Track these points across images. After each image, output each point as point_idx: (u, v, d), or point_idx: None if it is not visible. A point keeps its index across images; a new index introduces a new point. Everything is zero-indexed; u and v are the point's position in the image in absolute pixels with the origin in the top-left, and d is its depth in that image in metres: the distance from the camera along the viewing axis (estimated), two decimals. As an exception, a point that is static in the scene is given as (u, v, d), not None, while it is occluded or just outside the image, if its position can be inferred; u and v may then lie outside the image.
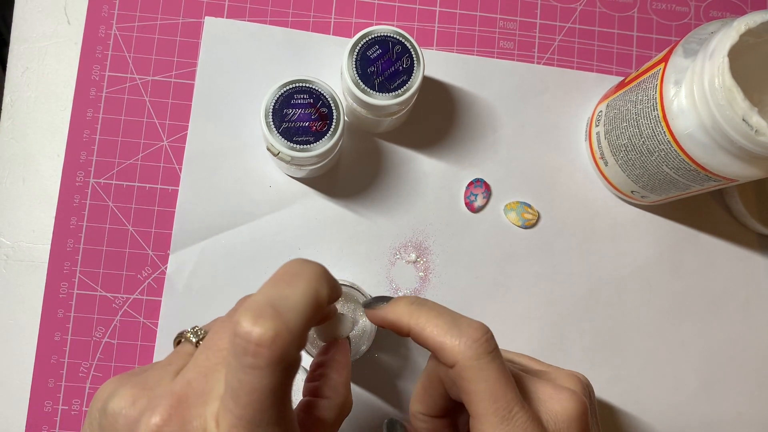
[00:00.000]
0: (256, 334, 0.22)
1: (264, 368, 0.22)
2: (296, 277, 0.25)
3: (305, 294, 0.24)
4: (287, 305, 0.23)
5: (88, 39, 0.47)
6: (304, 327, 0.23)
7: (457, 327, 0.27)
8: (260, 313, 0.22)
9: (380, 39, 0.41)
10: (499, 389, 0.26)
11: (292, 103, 0.39)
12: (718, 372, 0.48)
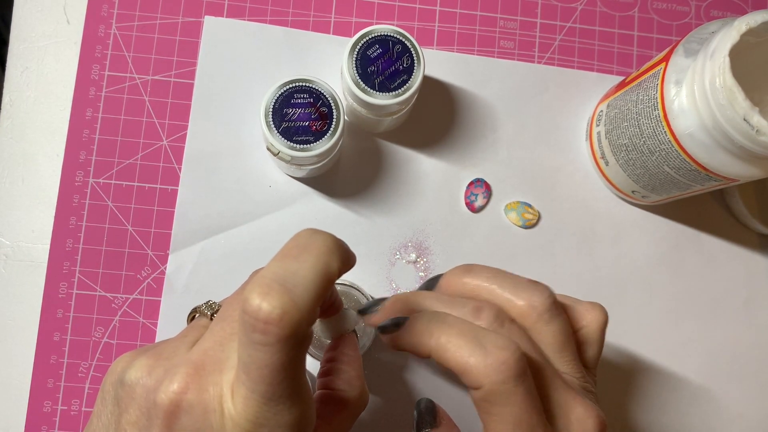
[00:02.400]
0: (264, 312, 0.21)
1: (273, 345, 0.22)
2: (305, 250, 0.23)
3: (314, 269, 0.23)
4: (295, 281, 0.22)
5: (88, 38, 0.47)
6: (313, 303, 0.22)
7: (481, 347, 0.25)
8: (268, 290, 0.21)
9: (380, 38, 0.41)
10: (524, 415, 0.25)
11: (292, 102, 0.39)
12: (719, 372, 0.48)
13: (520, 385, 0.25)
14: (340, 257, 0.24)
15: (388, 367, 0.46)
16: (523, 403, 0.25)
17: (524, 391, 0.25)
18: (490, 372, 0.25)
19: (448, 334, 0.26)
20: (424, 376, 0.46)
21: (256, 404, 0.22)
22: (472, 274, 0.29)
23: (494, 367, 0.25)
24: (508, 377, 0.25)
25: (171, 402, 0.23)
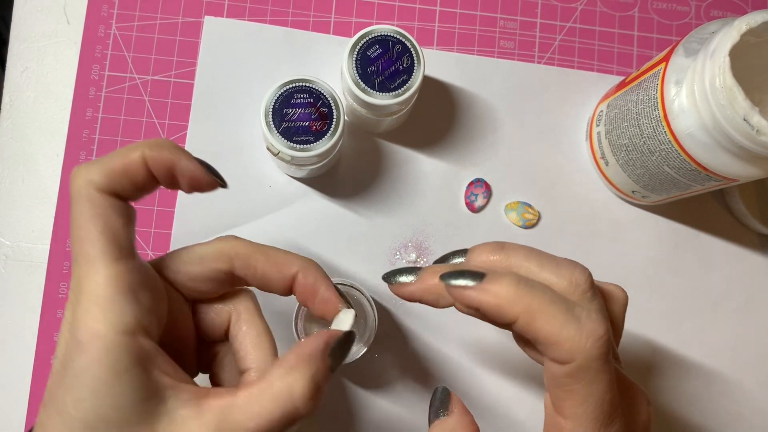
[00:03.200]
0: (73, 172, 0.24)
1: (75, 199, 0.24)
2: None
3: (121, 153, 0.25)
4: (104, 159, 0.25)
5: (88, 38, 0.47)
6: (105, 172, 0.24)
7: (576, 319, 0.24)
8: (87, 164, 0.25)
9: (380, 38, 0.41)
10: (608, 395, 0.24)
11: (292, 102, 0.39)
12: (719, 372, 0.48)
13: (610, 362, 0.24)
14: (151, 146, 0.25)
15: (388, 368, 0.46)
16: (610, 383, 0.24)
17: (612, 371, 0.24)
18: (586, 346, 0.23)
19: (540, 301, 0.24)
20: (423, 375, 0.46)
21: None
22: (505, 252, 0.27)
23: (591, 342, 0.24)
24: (602, 353, 0.24)
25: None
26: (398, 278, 0.28)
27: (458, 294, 0.26)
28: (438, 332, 0.46)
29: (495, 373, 0.46)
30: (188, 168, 0.26)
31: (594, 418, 0.24)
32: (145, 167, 0.25)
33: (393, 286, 0.28)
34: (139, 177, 0.25)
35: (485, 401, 0.46)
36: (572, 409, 0.24)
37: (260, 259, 0.28)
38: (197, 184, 0.26)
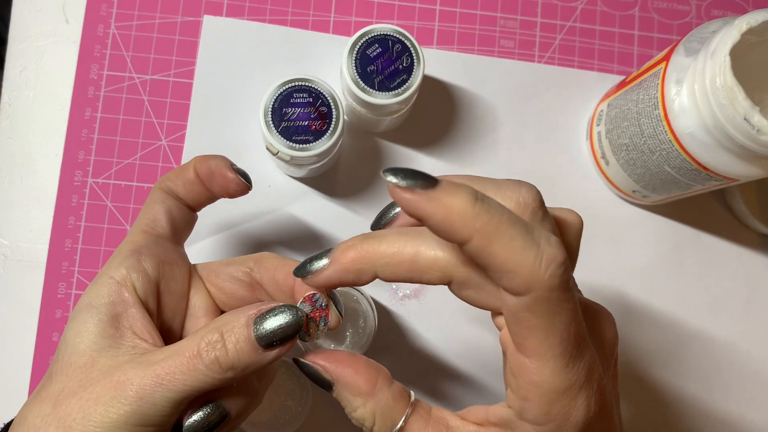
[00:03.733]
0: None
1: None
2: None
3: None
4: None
5: (87, 38, 0.47)
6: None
7: (535, 243, 0.20)
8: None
9: (380, 38, 0.40)
10: (573, 326, 0.22)
11: (292, 102, 0.39)
12: (720, 372, 0.48)
13: (571, 290, 0.21)
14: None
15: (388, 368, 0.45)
16: (574, 312, 0.22)
17: (574, 299, 0.22)
18: (545, 276, 0.20)
19: (499, 221, 0.20)
20: (423, 376, 0.46)
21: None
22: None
23: (552, 269, 0.21)
24: (563, 282, 0.21)
25: None
26: (311, 267, 0.25)
27: (403, 200, 0.21)
28: (438, 333, 0.46)
29: (496, 374, 0.46)
30: (216, 164, 0.32)
31: (560, 354, 0.22)
32: (194, 170, 0.32)
33: (307, 279, 0.25)
34: (189, 176, 0.32)
35: (487, 403, 0.46)
36: (535, 346, 0.22)
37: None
38: (223, 181, 0.32)
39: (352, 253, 0.24)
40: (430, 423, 0.25)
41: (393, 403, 0.25)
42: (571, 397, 0.22)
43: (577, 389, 0.22)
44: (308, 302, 0.26)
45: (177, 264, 0.31)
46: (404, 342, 0.46)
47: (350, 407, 0.25)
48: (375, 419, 0.25)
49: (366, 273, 0.24)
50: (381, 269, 0.24)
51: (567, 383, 0.22)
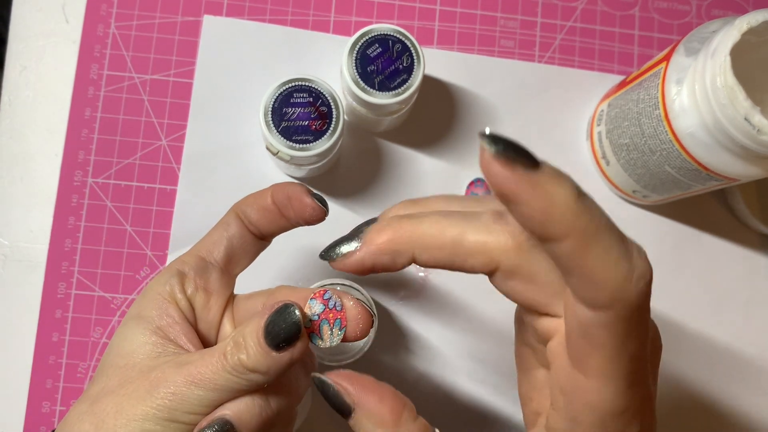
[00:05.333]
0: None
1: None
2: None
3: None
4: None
5: (87, 38, 0.47)
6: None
7: (629, 255, 0.18)
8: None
9: (380, 37, 0.40)
10: (642, 352, 0.20)
11: (292, 102, 0.39)
12: (720, 372, 0.48)
13: (649, 311, 0.19)
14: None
15: (388, 368, 0.45)
16: (647, 334, 0.20)
17: (650, 320, 0.20)
18: (632, 293, 0.18)
19: (599, 223, 0.18)
20: (424, 377, 0.46)
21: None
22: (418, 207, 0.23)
23: (641, 286, 0.18)
24: (646, 303, 0.19)
25: None
26: (339, 250, 0.22)
27: (498, 176, 0.18)
28: (439, 333, 0.46)
29: (498, 376, 0.46)
30: (293, 191, 0.30)
31: (624, 377, 0.19)
32: (270, 197, 0.31)
33: (335, 263, 0.23)
34: (266, 203, 0.31)
35: (487, 406, 0.46)
36: (600, 366, 0.19)
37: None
38: (300, 206, 0.30)
39: (388, 233, 0.22)
40: None
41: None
42: (626, 422, 0.20)
43: (632, 413, 0.20)
44: (319, 299, 0.24)
45: (216, 294, 0.31)
46: (404, 342, 0.46)
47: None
48: None
49: (403, 256, 0.21)
50: (420, 252, 0.21)
51: (625, 406, 0.20)
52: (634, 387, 0.20)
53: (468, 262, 0.21)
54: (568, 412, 0.21)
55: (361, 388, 0.23)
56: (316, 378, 0.24)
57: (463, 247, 0.21)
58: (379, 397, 0.23)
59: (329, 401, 0.23)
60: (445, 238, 0.21)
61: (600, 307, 0.18)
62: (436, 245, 0.21)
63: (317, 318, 0.24)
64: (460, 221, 0.21)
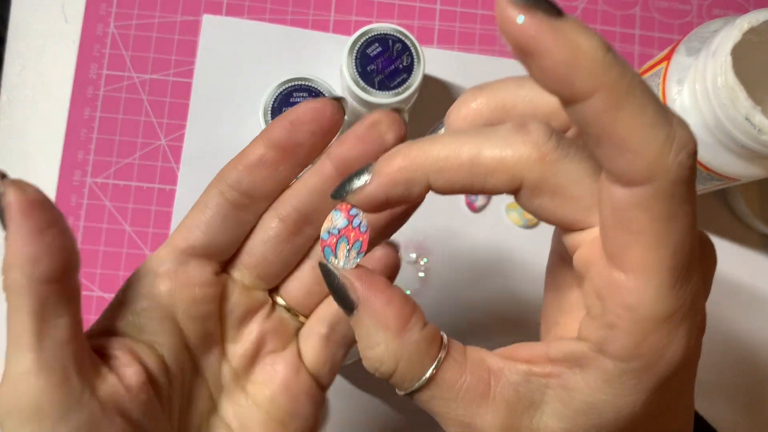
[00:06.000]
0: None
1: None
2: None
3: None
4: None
5: (86, 37, 0.46)
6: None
7: (668, 120, 0.16)
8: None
9: (380, 37, 0.40)
10: (689, 237, 0.17)
11: (291, 101, 0.39)
12: (721, 372, 0.48)
13: (695, 191, 0.17)
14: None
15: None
16: (693, 218, 0.17)
17: (696, 201, 0.17)
18: (673, 162, 0.16)
19: (631, 81, 0.16)
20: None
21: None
22: (484, 93, 0.21)
23: (683, 156, 0.16)
24: (691, 176, 0.16)
25: None
26: (350, 186, 0.20)
27: (516, 26, 0.16)
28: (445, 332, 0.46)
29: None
30: (291, 114, 0.24)
31: (669, 270, 0.17)
32: (261, 143, 0.24)
33: (347, 200, 0.21)
34: (254, 157, 0.24)
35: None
36: (640, 257, 0.17)
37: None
38: (314, 114, 0.24)
39: (398, 160, 0.20)
40: (467, 368, 0.20)
41: (424, 348, 0.20)
42: (671, 329, 0.18)
43: (678, 319, 0.18)
44: (344, 213, 0.22)
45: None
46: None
47: (368, 342, 0.20)
48: (397, 365, 0.20)
49: (417, 183, 0.20)
50: (435, 176, 0.19)
51: (669, 310, 0.17)
52: (679, 286, 0.17)
53: (489, 182, 0.19)
54: (603, 319, 0.18)
55: (369, 285, 0.21)
56: (322, 265, 0.21)
57: (481, 166, 0.19)
58: (387, 299, 0.20)
59: (333, 293, 0.21)
60: (461, 158, 0.19)
61: (636, 182, 0.16)
62: (451, 167, 0.19)
63: (337, 233, 0.22)
64: (476, 137, 0.19)
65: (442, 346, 0.21)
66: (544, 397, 0.19)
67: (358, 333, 0.20)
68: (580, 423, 0.19)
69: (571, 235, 0.20)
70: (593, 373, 0.18)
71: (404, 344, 0.20)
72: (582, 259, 0.19)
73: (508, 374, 0.20)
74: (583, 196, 0.18)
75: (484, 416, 0.19)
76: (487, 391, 0.20)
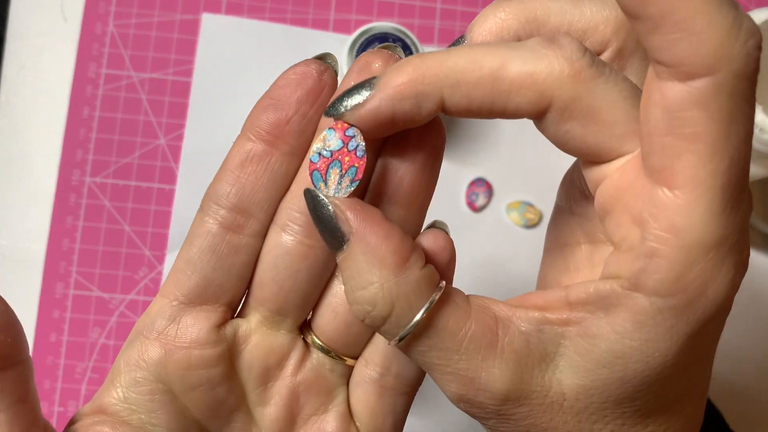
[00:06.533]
0: None
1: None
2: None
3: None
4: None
5: (85, 36, 0.46)
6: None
7: (734, 6, 0.14)
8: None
9: (380, 36, 0.40)
10: (745, 152, 0.15)
11: (291, 101, 0.39)
12: (722, 372, 0.48)
13: (755, 90, 0.15)
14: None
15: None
16: (751, 127, 0.15)
17: (752, 105, 0.15)
18: (740, 51, 0.14)
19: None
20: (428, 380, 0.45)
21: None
22: (513, 3, 0.19)
23: (749, 46, 0.14)
24: (755, 71, 0.14)
25: None
26: (349, 100, 0.17)
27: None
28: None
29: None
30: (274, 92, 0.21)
31: (723, 187, 0.15)
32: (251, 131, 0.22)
33: (344, 117, 0.18)
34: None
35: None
36: (692, 168, 0.14)
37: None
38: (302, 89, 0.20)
39: (408, 70, 0.17)
40: (472, 314, 0.17)
41: (424, 289, 0.17)
42: (717, 260, 0.15)
43: (726, 250, 0.15)
44: (339, 133, 0.18)
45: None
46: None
47: (359, 282, 0.17)
48: (393, 307, 0.17)
49: (429, 98, 0.17)
50: (451, 91, 0.16)
51: (719, 237, 0.15)
52: (730, 209, 0.15)
53: (512, 101, 0.17)
54: (642, 248, 0.15)
55: (364, 217, 0.17)
56: (308, 191, 0.18)
57: (505, 80, 0.16)
58: (385, 233, 0.17)
59: (319, 225, 0.18)
60: (482, 71, 0.16)
61: (696, 74, 0.14)
62: (470, 80, 0.16)
63: (329, 155, 0.18)
64: (500, 49, 0.16)
65: (440, 288, 0.18)
66: (558, 349, 0.17)
67: (348, 272, 0.17)
68: (601, 377, 0.16)
69: (596, 168, 0.18)
70: (622, 315, 0.16)
71: (402, 283, 0.17)
72: (610, 189, 0.17)
73: (518, 323, 0.17)
74: (617, 121, 0.16)
75: (490, 370, 0.17)
76: (495, 342, 0.17)
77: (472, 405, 0.17)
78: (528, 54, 0.16)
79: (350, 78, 0.18)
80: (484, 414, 0.17)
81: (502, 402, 0.17)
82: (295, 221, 0.19)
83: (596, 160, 0.17)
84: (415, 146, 0.19)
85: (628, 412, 0.17)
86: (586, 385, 0.17)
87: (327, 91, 0.19)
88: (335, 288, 0.20)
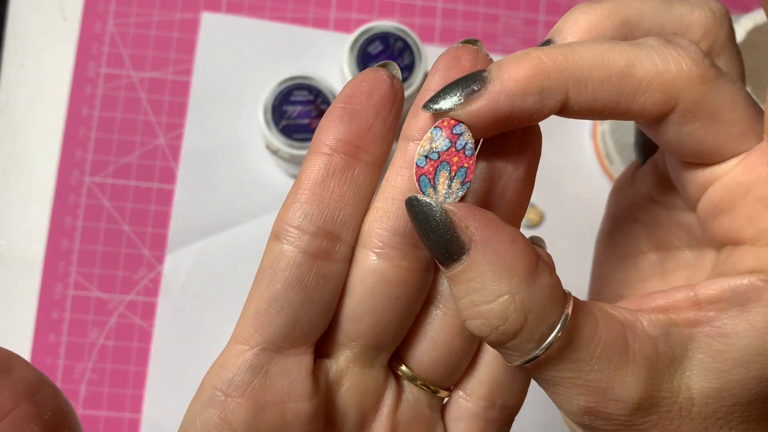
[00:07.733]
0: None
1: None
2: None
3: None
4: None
5: (84, 36, 0.46)
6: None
7: None
8: None
9: (381, 35, 0.40)
10: None
11: (292, 100, 0.39)
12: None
13: None
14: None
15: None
16: None
17: None
18: None
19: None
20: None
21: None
22: (604, 4, 0.18)
23: None
24: None
25: None
26: (460, 93, 0.16)
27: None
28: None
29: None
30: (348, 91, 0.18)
31: None
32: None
33: (455, 113, 0.16)
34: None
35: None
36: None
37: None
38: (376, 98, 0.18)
39: (531, 63, 0.15)
40: (599, 321, 0.16)
41: (557, 298, 0.16)
42: None
43: None
44: (446, 132, 0.16)
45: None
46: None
47: (484, 295, 0.15)
48: (526, 318, 0.15)
49: (553, 94, 0.15)
50: (577, 89, 0.15)
51: None
52: None
53: (638, 101, 0.16)
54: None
55: (488, 223, 0.15)
56: (412, 199, 0.16)
57: (634, 79, 0.15)
58: (511, 238, 0.15)
59: (428, 235, 0.16)
60: (609, 69, 0.15)
61: None
62: (599, 77, 0.15)
63: (437, 157, 0.16)
64: (624, 47, 0.16)
65: (568, 295, 0.16)
66: (686, 353, 0.16)
67: (468, 284, 0.15)
68: (737, 377, 0.15)
69: (703, 170, 0.17)
70: (763, 311, 0.15)
71: (536, 292, 0.15)
72: (731, 185, 0.16)
73: (645, 327, 0.16)
74: (738, 120, 0.16)
75: (623, 379, 0.15)
76: (626, 349, 0.16)
77: (600, 417, 0.16)
78: (654, 53, 0.16)
79: (437, 74, 0.17)
80: (611, 426, 0.16)
81: (634, 412, 0.16)
82: (389, 242, 0.17)
83: (709, 161, 0.17)
84: (517, 152, 0.17)
85: (754, 415, 0.16)
86: (718, 387, 0.16)
87: (400, 97, 0.17)
88: (431, 314, 0.18)
